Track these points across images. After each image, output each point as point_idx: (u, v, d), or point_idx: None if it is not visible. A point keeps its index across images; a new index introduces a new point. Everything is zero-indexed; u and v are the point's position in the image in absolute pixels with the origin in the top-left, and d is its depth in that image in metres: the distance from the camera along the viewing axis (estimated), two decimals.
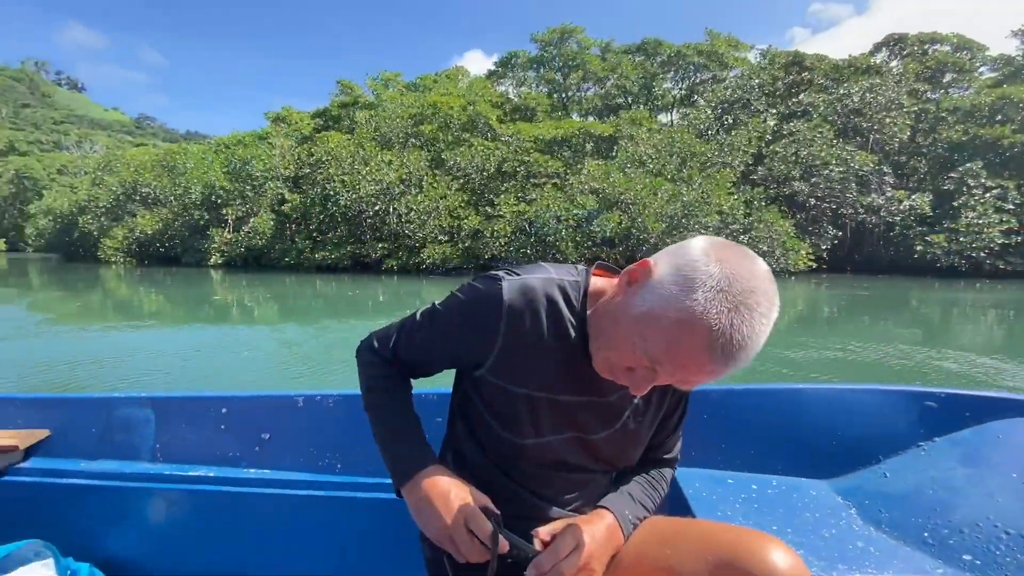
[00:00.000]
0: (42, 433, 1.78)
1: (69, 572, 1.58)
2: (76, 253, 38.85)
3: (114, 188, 36.80)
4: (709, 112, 29.65)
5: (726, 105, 29.37)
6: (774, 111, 28.92)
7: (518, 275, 0.82)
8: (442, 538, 0.79)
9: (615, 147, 26.78)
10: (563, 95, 36.92)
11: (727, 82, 29.72)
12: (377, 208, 24.50)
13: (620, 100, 35.25)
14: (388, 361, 0.97)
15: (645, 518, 0.92)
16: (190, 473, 1.61)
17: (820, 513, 1.14)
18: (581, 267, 0.87)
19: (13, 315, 12.04)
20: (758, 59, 34.66)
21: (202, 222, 30.79)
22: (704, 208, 21.52)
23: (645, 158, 24.70)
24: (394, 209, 24.34)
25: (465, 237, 23.36)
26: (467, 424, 0.94)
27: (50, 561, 1.55)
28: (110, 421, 1.76)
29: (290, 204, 27.70)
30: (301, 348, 8.44)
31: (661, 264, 0.70)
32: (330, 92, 40.25)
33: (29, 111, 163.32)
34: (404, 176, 24.90)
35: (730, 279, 0.63)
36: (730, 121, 29.80)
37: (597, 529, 0.84)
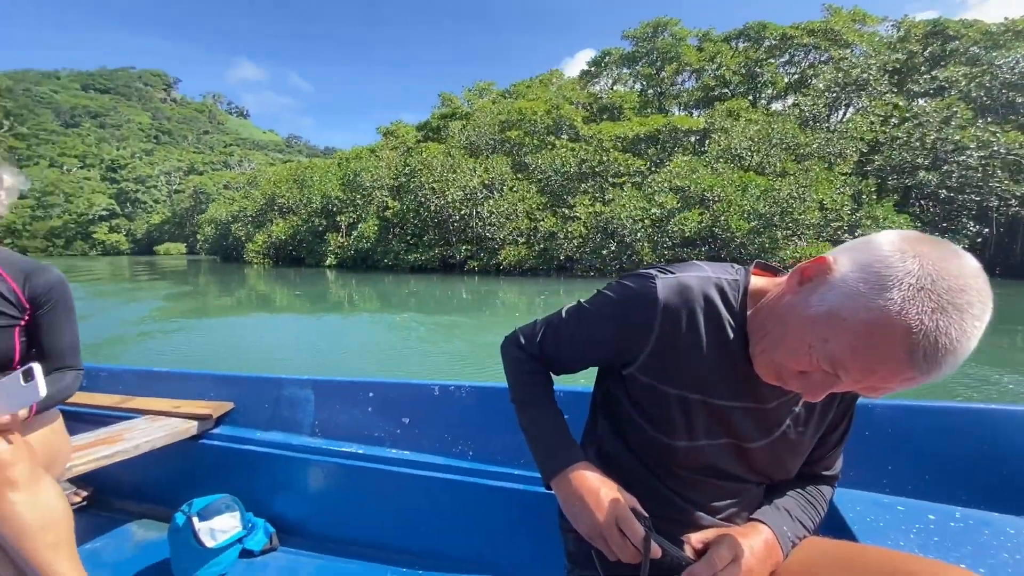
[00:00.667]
0: (228, 405, 2.05)
1: (250, 524, 1.81)
2: (230, 255, 46.16)
3: (258, 200, 43.27)
4: (818, 98, 26.80)
5: (839, 89, 26.32)
6: (899, 91, 25.27)
7: (672, 273, 0.80)
8: (593, 535, 0.79)
9: (707, 142, 25.47)
10: (658, 90, 35.71)
11: (844, 62, 26.59)
12: (463, 212, 26.00)
13: (722, 91, 33.22)
14: (534, 356, 0.99)
15: (803, 537, 0.87)
16: (342, 448, 1.77)
17: (1022, 556, 0.96)
18: (738, 266, 0.85)
19: (191, 306, 15.47)
20: (890, 32, 30.45)
21: (320, 228, 35.01)
22: (800, 204, 19.66)
23: (740, 152, 23.18)
24: (477, 213, 25.66)
25: (541, 239, 23.87)
26: (612, 422, 0.93)
27: (237, 514, 1.77)
28: (279, 398, 1.97)
29: (392, 210, 30.40)
30: (396, 337, 9.81)
31: (843, 260, 0.66)
32: (433, 105, 43.31)
33: (207, 137, 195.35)
34: (487, 181, 26.13)
35: (933, 276, 0.58)
36: (844, 106, 26.66)
37: (755, 543, 0.80)
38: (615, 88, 38.58)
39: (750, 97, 31.53)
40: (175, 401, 2.11)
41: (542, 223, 23.82)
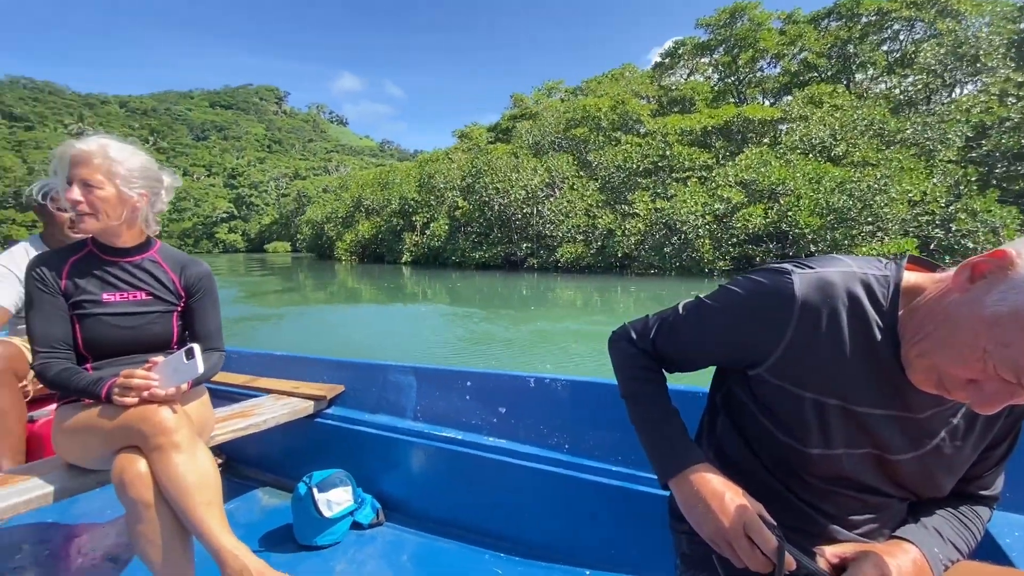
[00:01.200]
0: (340, 388, 2.18)
1: (360, 499, 1.91)
2: (324, 252, 50.57)
3: (347, 202, 47.09)
4: (918, 77, 24.11)
5: (943, 67, 23.49)
6: (1016, 68, 22.04)
7: (811, 268, 0.75)
8: (718, 539, 0.75)
9: (785, 131, 23.97)
10: (737, 79, 33.93)
11: (951, 36, 23.67)
12: (525, 211, 26.70)
13: (810, 75, 30.86)
14: (647, 353, 0.96)
15: (956, 561, 0.79)
16: (442, 433, 1.85)
17: None
18: (887, 260, 0.78)
19: (294, 298, 17.81)
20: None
21: (399, 227, 37.48)
22: (883, 197, 18.02)
23: (821, 141, 21.62)
24: (538, 211, 26.22)
25: (599, 237, 23.92)
26: (733, 423, 0.90)
27: (349, 488, 1.88)
28: (385, 383, 2.07)
29: (461, 210, 31.87)
30: (465, 328, 10.66)
31: None
32: (505, 107, 44.45)
33: (311, 144, 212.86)
34: (548, 180, 26.59)
35: None
36: (947, 86, 23.72)
37: (902, 563, 0.72)
38: (691, 79, 37.19)
39: (844, 81, 29.03)
40: (294, 382, 2.33)
41: (600, 220, 23.86)
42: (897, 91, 25.08)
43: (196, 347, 1.33)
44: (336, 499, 1.85)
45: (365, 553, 1.78)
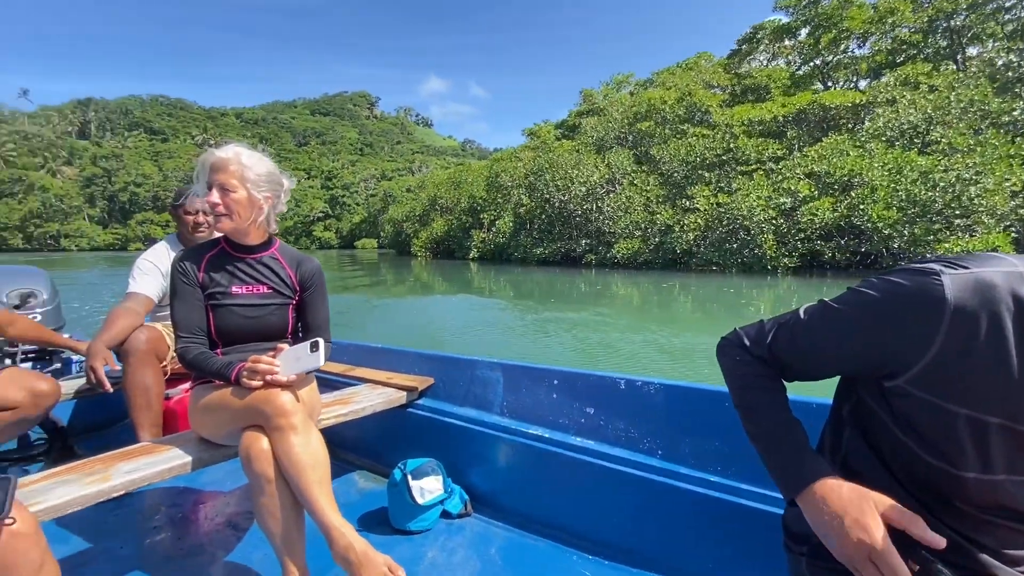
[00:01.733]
0: (430, 380, 2.26)
1: (449, 489, 1.97)
2: (403, 249, 53.79)
3: (424, 201, 49.78)
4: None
5: None
6: None
7: (966, 267, 0.66)
8: (857, 560, 0.69)
9: (869, 117, 22.14)
10: (822, 62, 31.54)
11: None
12: (585, 207, 26.94)
13: (907, 54, 28.02)
14: (763, 360, 0.90)
15: None
16: (529, 430, 1.86)
17: None
18: None
19: (379, 291, 19.49)
20: None
21: (467, 225, 39.13)
22: (975, 187, 16.26)
23: (914, 125, 19.81)
24: (597, 207, 26.35)
25: (657, 232, 23.61)
26: (865, 438, 0.82)
27: (440, 478, 1.96)
28: (473, 377, 2.12)
29: (525, 208, 32.72)
30: (524, 322, 11.04)
31: None
32: (575, 103, 44.49)
33: (399, 146, 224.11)
34: (608, 176, 26.60)
35: None
36: None
37: None
38: (771, 65, 35.05)
39: (952, 58, 26.06)
40: (387, 373, 2.41)
41: (659, 216, 23.55)
42: (989, 69, 22.12)
43: (321, 341, 1.44)
44: (428, 487, 1.91)
45: (455, 542, 1.82)
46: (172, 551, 1.89)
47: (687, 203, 22.71)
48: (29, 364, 2.80)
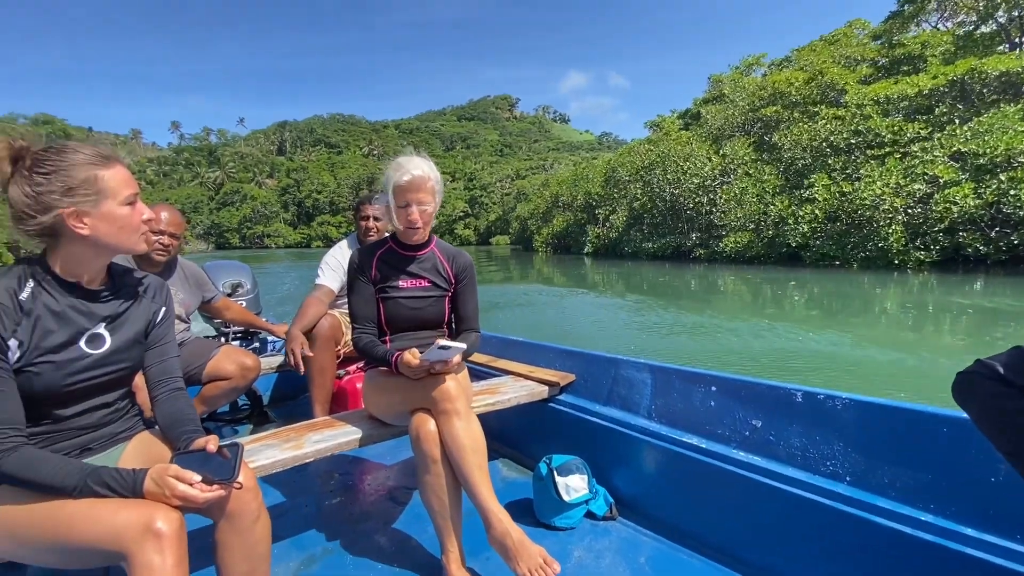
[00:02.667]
0: (571, 376, 2.31)
1: (594, 490, 1.98)
2: (528, 245, 56.45)
3: (547, 199, 51.80)
4: None
5: None
6: None
7: None
8: None
9: None
10: (1008, 18, 26.13)
11: None
12: (696, 200, 26.28)
13: None
14: None
15: None
16: (682, 438, 1.78)
17: None
18: None
19: (506, 283, 21.54)
20: None
21: (583, 221, 40.08)
22: None
23: None
24: (709, 200, 25.53)
25: (770, 224, 22.21)
26: None
27: (585, 477, 1.97)
28: (617, 377, 2.11)
29: (639, 202, 32.72)
30: (634, 317, 10.78)
31: None
32: (704, 89, 42.32)
33: (536, 145, 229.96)
34: (722, 167, 25.55)
35: None
36: None
37: None
38: (937, 28, 29.82)
39: None
40: (528, 366, 2.47)
41: (773, 207, 22.16)
42: None
43: (458, 344, 1.55)
44: (574, 485, 1.90)
45: (601, 545, 1.79)
46: (344, 515, 2.07)
47: (805, 193, 21.07)
48: (237, 342, 3.26)
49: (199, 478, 1.09)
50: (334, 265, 2.78)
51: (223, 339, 3.16)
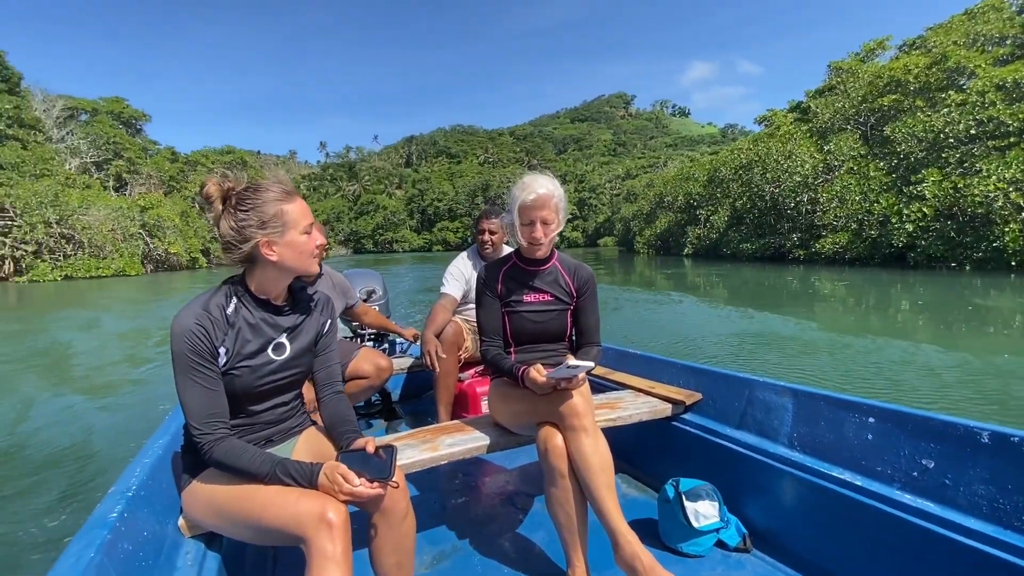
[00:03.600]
0: (697, 395, 2.20)
1: (725, 519, 1.86)
2: (631, 246, 56.64)
3: (651, 199, 51.72)
4: None
5: None
6: None
7: None
8: None
9: None
10: None
11: None
12: (797, 199, 25.48)
13: None
14: None
15: None
16: (830, 472, 1.62)
17: None
18: None
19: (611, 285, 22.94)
20: None
21: (684, 221, 39.80)
22: None
23: None
24: (810, 198, 24.64)
25: (875, 223, 21.03)
26: None
27: (716, 504, 1.87)
28: (751, 399, 1.97)
29: (740, 202, 32.07)
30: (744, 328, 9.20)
31: None
32: (823, 78, 39.30)
33: (652, 142, 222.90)
34: (825, 164, 24.47)
35: None
36: None
37: None
38: None
39: None
40: (648, 382, 2.41)
41: (876, 206, 20.99)
42: None
43: (586, 364, 1.56)
44: (704, 512, 1.82)
45: None
46: (470, 516, 2.15)
47: (915, 189, 19.77)
48: (371, 344, 3.46)
49: (363, 478, 1.21)
50: (456, 276, 2.98)
51: (359, 340, 3.40)
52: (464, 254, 3.13)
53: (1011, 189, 16.26)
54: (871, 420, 1.60)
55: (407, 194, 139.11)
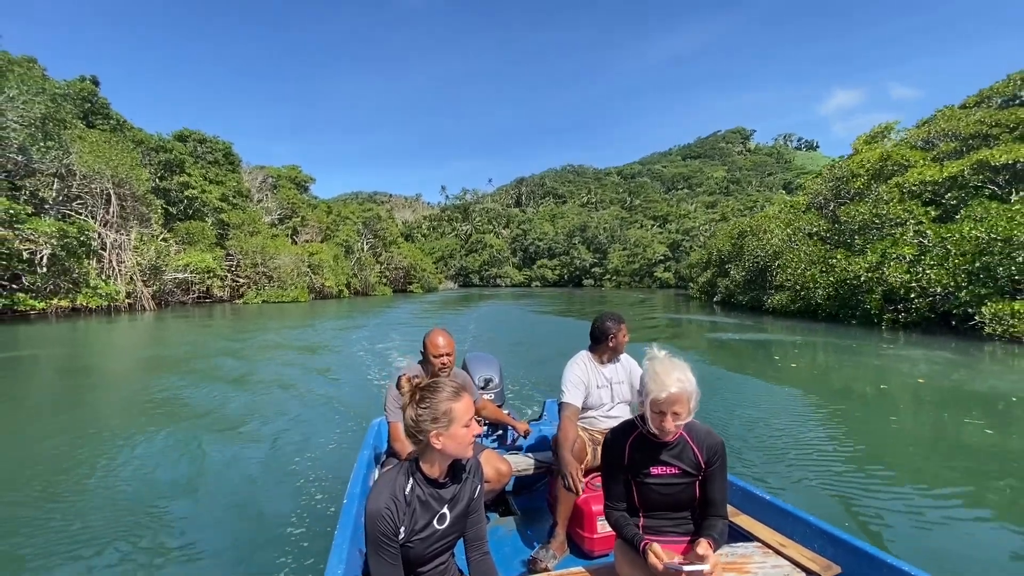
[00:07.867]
0: (836, 568, 2.00)
1: None
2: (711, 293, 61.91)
3: (712, 251, 57.51)
4: None
5: None
6: None
7: None
8: None
9: None
10: None
11: None
12: (771, 263, 31.87)
13: None
14: None
15: None
16: None
17: None
18: None
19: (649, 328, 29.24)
20: None
21: (716, 274, 45.95)
22: None
23: None
24: (779, 264, 30.99)
25: (806, 286, 27.20)
26: None
27: None
28: None
29: (746, 261, 38.23)
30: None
31: None
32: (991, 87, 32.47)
33: (769, 179, 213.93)
34: (790, 236, 30.75)
35: None
36: None
37: None
38: None
39: None
40: (779, 537, 2.19)
41: (807, 273, 27.15)
42: None
43: (703, 568, 1.65)
44: None
45: None
46: None
47: (829, 262, 25.93)
48: (486, 429, 3.82)
49: None
50: (575, 383, 3.08)
51: (479, 438, 3.60)
52: (580, 357, 3.21)
53: (866, 271, 22.54)
54: None
55: (512, 233, 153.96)
